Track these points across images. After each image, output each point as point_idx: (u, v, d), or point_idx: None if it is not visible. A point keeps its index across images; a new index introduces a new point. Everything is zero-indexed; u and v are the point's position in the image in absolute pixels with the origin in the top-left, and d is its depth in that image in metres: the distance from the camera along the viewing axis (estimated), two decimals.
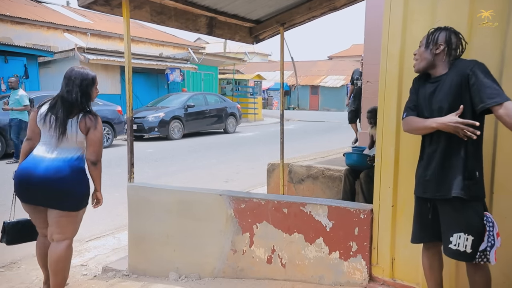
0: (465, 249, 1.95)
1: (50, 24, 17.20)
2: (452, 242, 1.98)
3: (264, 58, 41.84)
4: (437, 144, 2.05)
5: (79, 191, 2.59)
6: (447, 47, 2.04)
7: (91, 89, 2.67)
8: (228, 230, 3.07)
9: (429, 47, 2.07)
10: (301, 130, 15.64)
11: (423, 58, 2.09)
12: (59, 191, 2.51)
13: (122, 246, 3.85)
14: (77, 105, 2.61)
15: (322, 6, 4.34)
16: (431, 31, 2.11)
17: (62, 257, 2.56)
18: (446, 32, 2.07)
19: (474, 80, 1.92)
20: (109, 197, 5.17)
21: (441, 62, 2.07)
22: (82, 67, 2.73)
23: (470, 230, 1.94)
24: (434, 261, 2.23)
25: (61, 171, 2.51)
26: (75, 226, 2.66)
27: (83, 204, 2.64)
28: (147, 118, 12.39)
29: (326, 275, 2.81)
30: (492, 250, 1.94)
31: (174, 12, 3.97)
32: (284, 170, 4.85)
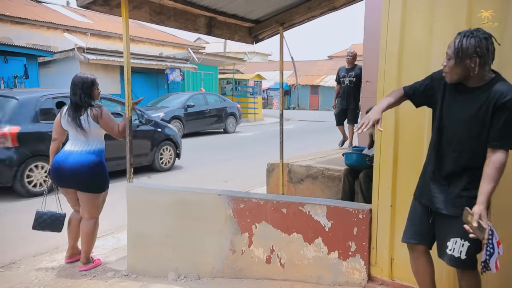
0: (460, 255, 1.92)
1: (50, 24, 17.19)
2: (448, 247, 1.96)
3: (264, 58, 41.82)
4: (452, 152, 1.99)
5: (97, 177, 3.31)
6: (480, 57, 1.82)
7: (91, 90, 3.33)
8: (227, 230, 3.07)
9: (459, 60, 1.85)
10: (301, 129, 15.64)
11: (454, 72, 1.89)
12: (82, 177, 3.24)
13: (122, 246, 3.85)
14: (82, 104, 3.28)
15: (322, 6, 4.34)
16: (458, 40, 1.85)
17: (90, 231, 3.37)
18: (475, 40, 1.82)
19: (500, 116, 1.82)
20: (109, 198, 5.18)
21: (475, 75, 1.87)
22: (83, 73, 3.43)
23: (466, 236, 1.89)
24: (420, 265, 2.18)
25: (83, 162, 3.23)
26: (100, 206, 3.42)
27: (102, 188, 3.36)
28: None
29: (325, 275, 2.82)
30: (491, 258, 1.89)
31: (173, 12, 3.97)
32: (284, 170, 4.85)
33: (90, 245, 3.39)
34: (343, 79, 6.44)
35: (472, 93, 1.91)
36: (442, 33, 2.42)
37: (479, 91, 1.89)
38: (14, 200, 5.52)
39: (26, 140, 5.65)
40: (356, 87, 6.35)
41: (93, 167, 3.26)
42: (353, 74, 6.34)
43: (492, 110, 1.84)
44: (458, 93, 1.96)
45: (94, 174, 3.27)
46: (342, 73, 6.50)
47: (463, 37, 1.84)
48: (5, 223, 4.66)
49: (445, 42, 2.40)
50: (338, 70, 6.64)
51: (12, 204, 5.36)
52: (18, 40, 14.80)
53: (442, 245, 2.01)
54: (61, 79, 12.87)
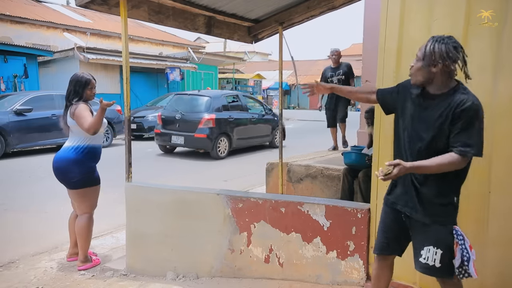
0: (434, 263, 1.89)
1: (50, 23, 17.19)
2: (422, 255, 1.93)
3: (264, 58, 41.80)
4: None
5: (74, 174, 3.26)
6: (446, 64, 1.83)
7: (83, 89, 3.34)
8: (225, 230, 3.07)
9: (426, 63, 1.85)
10: (300, 129, 15.62)
11: (419, 74, 1.90)
12: (62, 173, 3.30)
13: (121, 246, 3.85)
14: (68, 101, 3.33)
15: (321, 5, 4.34)
16: (430, 44, 1.86)
17: (82, 227, 3.36)
18: (445, 47, 1.82)
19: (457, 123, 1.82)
20: (108, 197, 5.17)
21: (438, 81, 1.88)
22: (82, 72, 3.44)
23: (438, 243, 1.88)
24: (383, 273, 2.17)
25: (62, 158, 3.29)
26: (87, 202, 3.38)
27: (81, 185, 3.30)
28: (146, 118, 12.38)
29: (323, 275, 2.81)
30: (470, 263, 1.89)
31: (172, 11, 3.96)
32: (283, 170, 4.84)
33: (84, 242, 3.39)
34: (331, 79, 6.25)
35: (434, 100, 1.91)
36: (441, 32, 2.41)
37: (440, 98, 1.89)
38: (14, 199, 5.52)
39: (218, 123, 8.96)
40: (345, 84, 6.00)
41: (70, 164, 3.24)
42: (341, 72, 6.21)
43: (452, 116, 1.83)
44: (422, 100, 1.96)
45: (71, 170, 3.25)
46: (329, 73, 6.32)
47: (435, 41, 1.85)
48: (5, 222, 4.65)
49: None
50: (324, 71, 6.45)
51: (12, 203, 5.36)
52: (18, 39, 14.80)
53: (417, 254, 1.98)
54: (60, 78, 12.87)
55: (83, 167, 3.29)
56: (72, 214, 3.54)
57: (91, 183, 3.36)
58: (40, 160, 8.29)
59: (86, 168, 3.31)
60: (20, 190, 6.04)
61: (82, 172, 3.29)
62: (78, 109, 3.23)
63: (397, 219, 2.06)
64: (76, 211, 3.47)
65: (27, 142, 9.17)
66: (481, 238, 2.36)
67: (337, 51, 6.35)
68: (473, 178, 2.36)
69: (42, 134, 9.17)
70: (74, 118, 3.24)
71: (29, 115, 9.08)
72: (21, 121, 8.98)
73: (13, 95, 10.03)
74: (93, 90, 3.39)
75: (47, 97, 9.68)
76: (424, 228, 1.94)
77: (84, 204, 3.38)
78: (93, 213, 3.46)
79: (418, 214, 1.95)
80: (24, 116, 9.05)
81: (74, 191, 3.34)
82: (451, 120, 1.83)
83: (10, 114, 8.93)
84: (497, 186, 2.31)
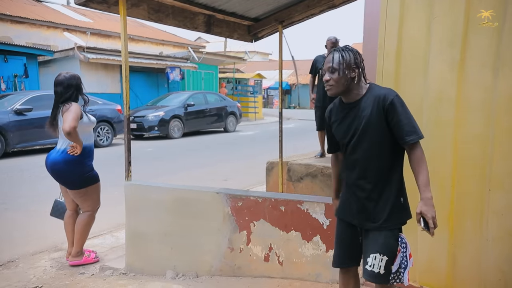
0: (379, 270, 1.86)
1: (50, 23, 17.18)
2: (368, 262, 1.89)
3: (264, 57, 41.78)
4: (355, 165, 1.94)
5: (73, 174, 3.29)
6: (359, 68, 1.89)
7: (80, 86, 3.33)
8: (225, 228, 3.07)
9: (343, 71, 1.87)
10: (301, 128, 15.61)
11: (340, 84, 1.88)
12: (59, 175, 3.32)
13: (120, 245, 3.85)
14: (61, 102, 3.26)
15: (321, 3, 4.34)
16: (338, 54, 1.90)
17: (83, 223, 3.43)
18: (353, 53, 1.91)
19: (392, 114, 1.83)
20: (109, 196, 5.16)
21: (355, 85, 1.91)
22: (67, 72, 3.38)
23: (385, 250, 1.86)
24: (350, 285, 2.12)
25: (55, 161, 3.28)
26: (89, 201, 3.42)
27: (79, 185, 3.33)
28: (147, 117, 12.38)
29: (323, 273, 2.81)
30: (405, 271, 1.87)
31: (171, 10, 3.96)
32: (283, 169, 4.84)
33: (81, 237, 3.43)
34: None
35: (356, 105, 1.91)
36: (441, 30, 2.41)
37: (363, 101, 1.90)
38: (14, 199, 5.52)
39: None
40: None
41: (67, 166, 3.26)
42: None
43: (384, 113, 1.84)
44: (345, 111, 1.96)
45: (69, 172, 3.27)
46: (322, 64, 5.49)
47: (341, 51, 1.91)
48: (4, 222, 4.66)
49: (443, 40, 2.41)
50: (315, 61, 5.50)
51: (12, 203, 5.36)
52: (18, 39, 14.80)
53: (364, 261, 1.94)
54: None
55: (80, 167, 3.30)
56: (66, 214, 3.54)
57: (90, 182, 3.38)
58: (40, 160, 8.23)
59: (82, 167, 3.32)
60: (20, 190, 6.04)
61: (80, 171, 3.31)
62: (72, 106, 3.20)
63: (352, 232, 2.02)
64: (81, 209, 3.50)
65: (27, 142, 9.18)
66: (480, 235, 2.35)
67: (332, 39, 5.31)
68: (473, 176, 2.36)
69: (42, 133, 9.09)
70: (64, 114, 3.18)
71: (29, 114, 9.09)
72: (21, 120, 8.99)
73: (13, 95, 10.03)
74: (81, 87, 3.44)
75: (47, 97, 9.64)
76: (374, 236, 1.90)
77: (86, 202, 3.42)
78: (96, 211, 3.50)
79: (370, 223, 1.91)
80: (24, 116, 9.05)
81: (74, 191, 3.36)
82: (385, 117, 1.87)
83: (10, 113, 8.94)
84: (497, 184, 2.30)
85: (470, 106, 2.35)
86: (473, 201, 2.37)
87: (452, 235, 2.44)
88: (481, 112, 2.32)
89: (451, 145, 2.41)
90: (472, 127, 2.35)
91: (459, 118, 2.38)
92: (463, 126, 2.38)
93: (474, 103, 2.34)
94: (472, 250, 2.39)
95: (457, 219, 2.41)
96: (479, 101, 2.33)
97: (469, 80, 2.36)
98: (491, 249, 2.33)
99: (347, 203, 2.02)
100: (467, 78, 2.36)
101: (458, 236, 2.42)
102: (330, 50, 5.21)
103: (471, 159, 2.36)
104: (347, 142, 1.95)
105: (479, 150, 2.33)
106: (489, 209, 2.32)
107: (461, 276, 2.45)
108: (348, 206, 2.01)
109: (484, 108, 2.32)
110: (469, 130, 2.36)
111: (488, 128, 2.31)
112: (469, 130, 2.36)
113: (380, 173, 1.90)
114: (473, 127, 2.35)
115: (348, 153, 1.98)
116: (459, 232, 2.42)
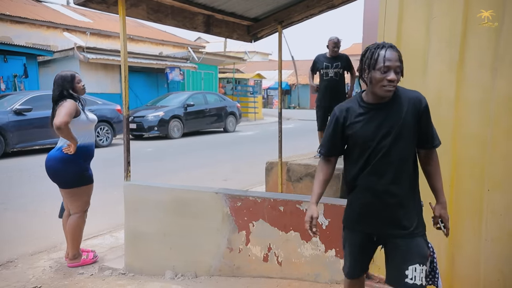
0: (422, 282, 1.76)
1: (50, 23, 17.17)
2: (408, 276, 1.76)
3: (264, 57, 41.80)
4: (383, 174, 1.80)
5: (65, 173, 3.26)
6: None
7: (71, 84, 3.30)
8: (224, 228, 3.07)
9: (402, 71, 1.76)
10: (301, 129, 15.61)
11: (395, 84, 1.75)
12: (51, 172, 3.31)
13: (120, 245, 3.84)
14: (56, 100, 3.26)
15: (320, 4, 4.33)
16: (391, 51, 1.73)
17: (72, 226, 3.37)
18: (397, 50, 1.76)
19: (425, 118, 1.80)
20: (108, 196, 5.17)
21: None
22: (62, 71, 3.38)
23: (423, 259, 1.79)
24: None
25: (51, 157, 3.29)
26: (78, 202, 3.36)
27: (69, 184, 3.30)
28: (146, 117, 12.38)
29: (322, 273, 2.81)
30: (439, 275, 1.86)
31: (171, 10, 3.96)
32: (283, 169, 4.84)
33: (73, 240, 3.39)
34: (326, 71, 5.22)
35: (389, 106, 1.79)
36: (440, 30, 2.41)
37: (395, 101, 1.79)
38: (14, 199, 5.52)
39: None
40: (343, 80, 5.34)
41: (60, 163, 3.24)
42: (340, 65, 5.19)
43: (419, 116, 1.79)
44: (372, 112, 1.81)
45: (61, 170, 3.25)
46: (325, 63, 5.22)
47: (389, 47, 1.74)
48: (4, 222, 4.65)
49: (442, 40, 2.40)
50: (317, 61, 5.34)
51: (12, 203, 5.36)
52: (18, 39, 14.80)
53: (399, 274, 1.79)
54: None
55: (74, 166, 3.27)
56: (65, 213, 3.53)
57: (82, 183, 3.33)
58: (39, 160, 8.21)
59: (76, 167, 3.28)
60: (20, 190, 6.04)
61: (73, 171, 3.27)
62: (66, 102, 3.18)
63: (367, 242, 1.93)
64: (66, 209, 3.47)
65: (26, 142, 9.18)
66: (479, 235, 2.35)
67: (334, 39, 5.25)
68: (471, 176, 2.36)
69: (42, 133, 9.15)
70: (57, 108, 3.17)
71: (29, 114, 9.08)
72: (21, 120, 8.98)
73: (13, 95, 10.02)
74: (81, 83, 3.38)
75: (46, 97, 9.54)
76: (406, 244, 1.80)
77: (74, 203, 3.36)
78: (84, 213, 3.44)
79: (399, 230, 1.81)
80: (23, 116, 9.05)
81: (65, 191, 3.33)
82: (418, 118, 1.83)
83: (10, 113, 8.93)
84: (496, 184, 2.30)
85: (469, 106, 2.35)
86: (472, 201, 2.37)
87: (451, 235, 2.44)
88: (480, 112, 2.33)
89: (450, 144, 2.40)
90: (470, 127, 2.36)
91: (458, 118, 2.39)
92: (462, 126, 2.38)
93: (473, 103, 2.34)
94: (471, 250, 2.39)
95: (456, 219, 2.41)
96: (477, 101, 2.33)
97: (468, 80, 2.36)
98: (490, 249, 2.33)
99: (364, 211, 1.87)
100: (465, 78, 2.36)
101: (456, 236, 2.42)
102: (332, 50, 5.22)
103: (470, 158, 2.36)
104: (375, 144, 1.78)
105: (478, 150, 2.33)
106: (488, 209, 2.32)
107: (460, 276, 2.45)
108: (366, 215, 1.87)
109: (483, 108, 2.32)
110: (467, 130, 2.37)
111: (486, 128, 2.31)
112: (467, 130, 2.36)
113: (409, 177, 1.82)
114: (472, 127, 2.35)
115: (376, 156, 1.79)
116: (458, 232, 2.42)
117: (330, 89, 5.22)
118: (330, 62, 5.21)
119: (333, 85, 5.21)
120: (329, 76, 5.21)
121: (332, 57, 5.24)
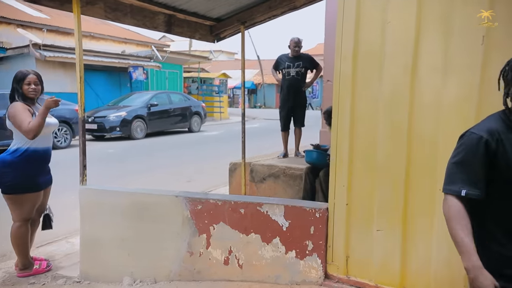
0: None
1: (2, 18, 16.28)
2: None
3: (230, 57, 41.67)
4: None
5: (6, 177, 3.05)
6: None
7: (18, 85, 3.10)
8: (184, 232, 3.01)
9: None
10: (266, 128, 15.67)
11: None
12: None
13: (76, 251, 3.68)
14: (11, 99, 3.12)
15: (282, 5, 4.36)
16: None
17: (12, 235, 3.17)
18: None
19: None
20: (64, 200, 4.96)
21: None
22: (25, 69, 3.20)
23: None
24: None
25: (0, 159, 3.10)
26: (18, 211, 3.12)
27: (13, 190, 3.06)
28: (108, 117, 12.02)
29: (282, 275, 2.81)
30: None
31: (130, 9, 3.85)
32: (246, 170, 4.83)
33: (18, 250, 3.19)
34: (288, 70, 5.21)
35: None
36: (394, 35, 2.47)
37: None
38: None
39: None
40: (305, 79, 5.33)
41: (3, 166, 3.05)
42: (301, 64, 5.19)
43: None
44: None
45: (3, 173, 3.05)
46: (287, 63, 5.23)
47: None
48: None
49: (396, 43, 2.47)
50: (279, 60, 5.35)
51: None
52: None
53: None
54: None
55: (17, 172, 3.04)
56: None
57: (25, 190, 3.09)
58: None
59: (21, 173, 3.05)
60: None
61: (15, 176, 3.04)
62: (14, 109, 3.00)
63: None
64: None
65: None
66: (429, 234, 2.43)
67: (295, 40, 5.29)
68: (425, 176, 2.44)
69: None
70: (10, 119, 3.00)
71: None
72: None
73: None
74: (30, 86, 3.09)
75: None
76: None
77: (16, 211, 3.13)
78: (27, 222, 3.19)
79: None
80: None
81: (5, 196, 3.10)
82: None
83: None
84: None
85: (422, 109, 2.43)
86: (425, 199, 2.44)
87: (405, 234, 2.51)
88: (432, 115, 2.40)
89: (405, 145, 2.47)
90: (423, 128, 2.43)
91: (412, 120, 2.45)
92: (416, 128, 2.45)
93: (426, 106, 2.42)
94: (424, 248, 2.47)
95: (410, 218, 2.48)
96: (430, 104, 2.40)
97: (421, 84, 2.43)
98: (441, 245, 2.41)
99: None
100: (419, 82, 2.43)
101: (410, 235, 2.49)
102: (293, 49, 5.28)
103: (423, 159, 2.43)
104: None
105: (430, 151, 2.41)
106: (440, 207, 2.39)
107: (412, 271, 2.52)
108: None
109: (435, 110, 2.40)
110: (421, 131, 2.44)
111: (438, 130, 2.38)
112: (421, 131, 2.44)
113: None
114: (424, 128, 2.43)
115: None
116: (411, 231, 2.49)
117: (293, 89, 5.26)
118: (292, 61, 5.24)
119: (295, 84, 5.24)
120: (291, 75, 5.23)
121: (294, 56, 5.27)
